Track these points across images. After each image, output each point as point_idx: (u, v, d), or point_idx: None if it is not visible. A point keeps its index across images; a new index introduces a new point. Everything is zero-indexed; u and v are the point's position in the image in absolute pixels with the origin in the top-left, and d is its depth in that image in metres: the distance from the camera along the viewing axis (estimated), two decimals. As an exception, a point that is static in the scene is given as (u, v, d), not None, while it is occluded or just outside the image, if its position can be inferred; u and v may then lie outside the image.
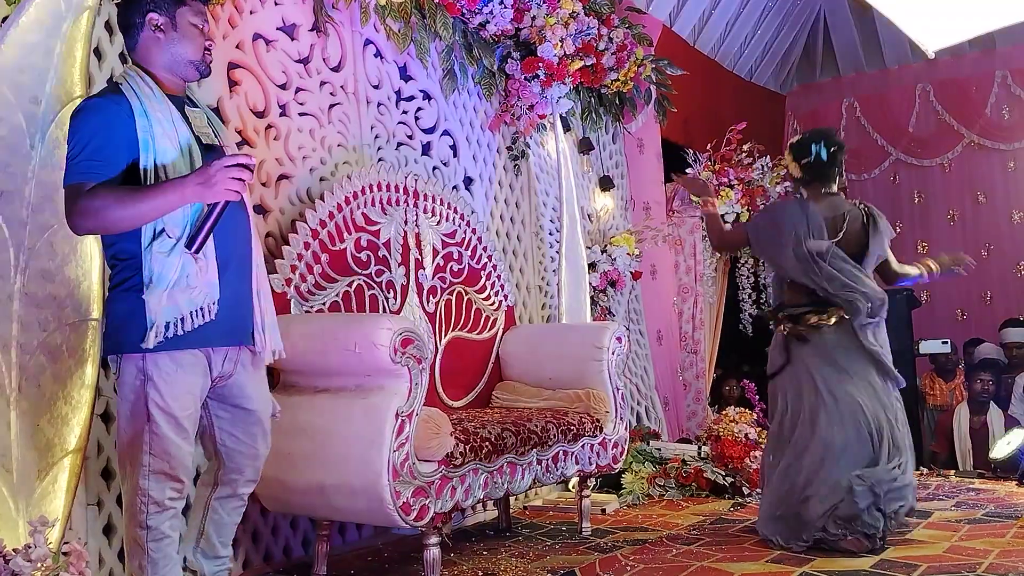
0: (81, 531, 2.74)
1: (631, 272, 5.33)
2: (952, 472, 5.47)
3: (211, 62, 2.48)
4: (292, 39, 3.66)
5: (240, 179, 2.22)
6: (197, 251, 2.24)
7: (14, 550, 2.16)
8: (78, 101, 2.56)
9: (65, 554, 2.25)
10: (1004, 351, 6.64)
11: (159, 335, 2.24)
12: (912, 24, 5.21)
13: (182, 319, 2.26)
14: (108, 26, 2.96)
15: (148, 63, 2.40)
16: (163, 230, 2.25)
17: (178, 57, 2.40)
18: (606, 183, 5.46)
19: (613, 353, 3.88)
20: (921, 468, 5.43)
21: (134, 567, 2.35)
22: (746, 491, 4.60)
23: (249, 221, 2.50)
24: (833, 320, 3.54)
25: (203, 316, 2.29)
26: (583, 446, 3.67)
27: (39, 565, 2.13)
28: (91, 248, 2.58)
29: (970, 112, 7.96)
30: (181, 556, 2.47)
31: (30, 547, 2.16)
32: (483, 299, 4.10)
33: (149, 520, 2.30)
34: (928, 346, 6.79)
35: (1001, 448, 5.23)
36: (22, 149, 2.46)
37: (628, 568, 3.24)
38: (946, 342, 6.78)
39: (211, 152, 2.39)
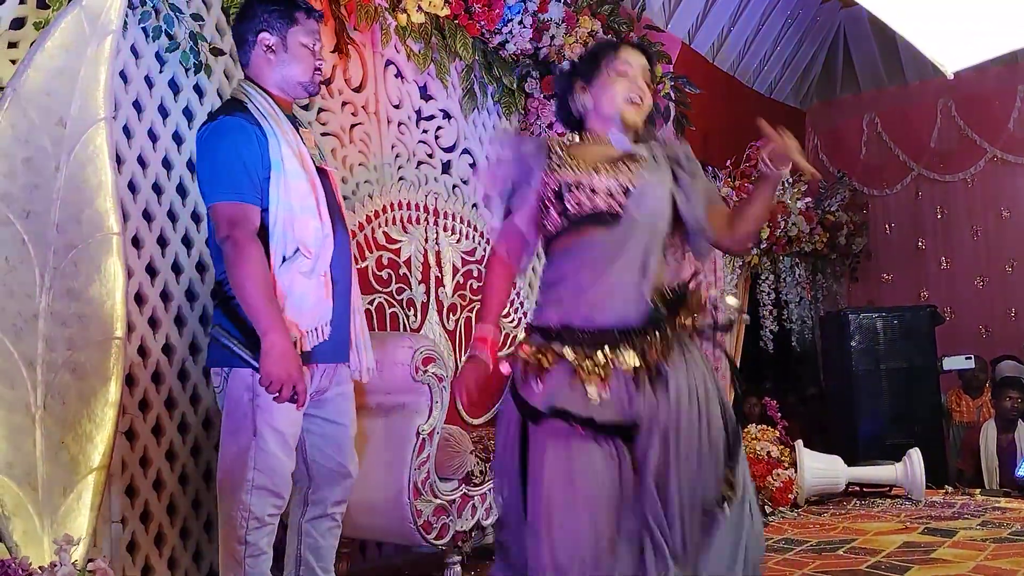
0: (105, 548, 2.76)
1: (651, 289, 5.31)
2: (977, 490, 5.39)
3: (321, 81, 2.45)
4: (314, 60, 3.69)
5: (284, 401, 2.23)
6: None
7: (40, 568, 2.18)
8: (102, 123, 2.59)
9: (90, 572, 2.28)
10: (1030, 368, 6.57)
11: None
12: (931, 45, 5.18)
13: (300, 338, 2.28)
14: (134, 49, 3.01)
15: (260, 80, 2.40)
16: (297, 250, 2.27)
17: (289, 78, 2.39)
18: (625, 200, 5.45)
19: (633, 370, 3.86)
20: (946, 486, 5.38)
21: None
22: (768, 509, 4.57)
23: (350, 243, 2.52)
24: None
25: (317, 336, 2.32)
26: (604, 464, 3.65)
27: (64, 582, 2.16)
28: (115, 267, 2.61)
29: (993, 127, 7.89)
30: None
31: (56, 565, 2.18)
32: (502, 317, 4.10)
33: (248, 536, 2.30)
34: (951, 362, 6.72)
35: (1028, 466, 5.17)
36: (47, 171, 2.49)
37: (650, 587, 3.21)
38: (969, 358, 6.70)
39: (321, 174, 2.40)
